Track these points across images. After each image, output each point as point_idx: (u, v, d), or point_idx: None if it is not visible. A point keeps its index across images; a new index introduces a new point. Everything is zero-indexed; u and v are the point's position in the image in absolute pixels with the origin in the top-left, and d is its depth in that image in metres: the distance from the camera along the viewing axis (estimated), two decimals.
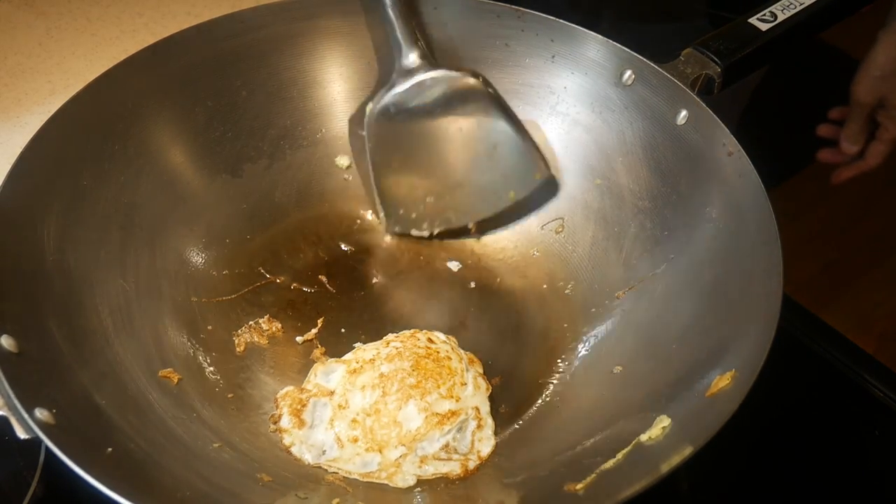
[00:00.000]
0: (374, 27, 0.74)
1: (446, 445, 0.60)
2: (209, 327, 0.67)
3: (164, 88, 0.68)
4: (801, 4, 0.74)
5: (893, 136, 0.87)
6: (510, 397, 0.65)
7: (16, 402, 0.48)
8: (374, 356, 0.64)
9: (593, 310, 0.69)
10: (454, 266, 0.74)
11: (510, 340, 0.69)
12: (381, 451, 0.60)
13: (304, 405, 0.63)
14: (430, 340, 0.65)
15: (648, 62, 0.68)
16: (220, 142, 0.71)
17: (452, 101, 0.69)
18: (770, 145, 0.68)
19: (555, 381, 0.66)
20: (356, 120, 0.74)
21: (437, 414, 0.60)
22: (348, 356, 0.66)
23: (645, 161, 0.69)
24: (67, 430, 0.49)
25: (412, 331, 0.66)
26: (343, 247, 0.74)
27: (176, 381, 0.61)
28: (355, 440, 0.60)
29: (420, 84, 0.68)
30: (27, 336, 0.52)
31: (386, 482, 0.60)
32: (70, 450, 0.46)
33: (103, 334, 0.59)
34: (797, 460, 0.69)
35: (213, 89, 0.71)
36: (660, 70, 0.68)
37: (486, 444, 0.62)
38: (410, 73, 0.68)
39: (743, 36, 0.71)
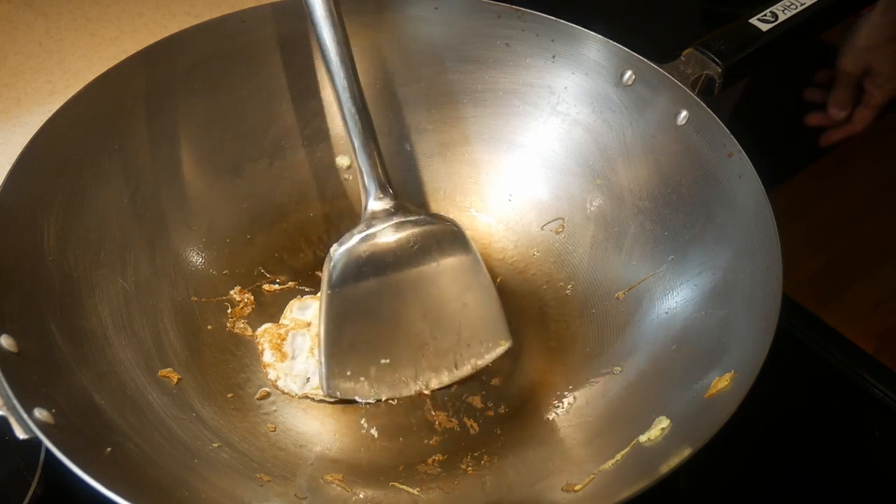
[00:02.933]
0: (372, 27, 0.74)
1: None
2: (209, 327, 0.67)
3: (164, 88, 0.68)
4: (801, 4, 0.73)
5: (879, 103, 0.93)
6: (510, 398, 0.66)
7: (15, 402, 0.48)
8: None
9: (593, 310, 0.69)
10: None
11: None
12: None
13: (283, 339, 0.66)
14: None
15: (649, 62, 0.68)
16: (220, 141, 0.71)
17: (429, 250, 0.62)
18: (769, 145, 0.68)
19: (554, 382, 0.66)
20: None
21: None
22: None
23: (645, 161, 0.69)
24: (67, 430, 0.49)
25: None
26: None
27: (175, 380, 0.61)
28: None
29: (394, 227, 0.62)
30: (27, 336, 0.52)
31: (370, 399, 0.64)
32: (69, 450, 0.46)
33: (103, 334, 0.59)
34: (797, 460, 0.69)
35: (214, 89, 0.71)
36: (660, 70, 0.67)
37: None
38: (383, 215, 0.62)
39: (744, 36, 0.71)
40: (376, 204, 0.63)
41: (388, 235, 0.62)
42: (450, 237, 0.63)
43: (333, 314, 0.62)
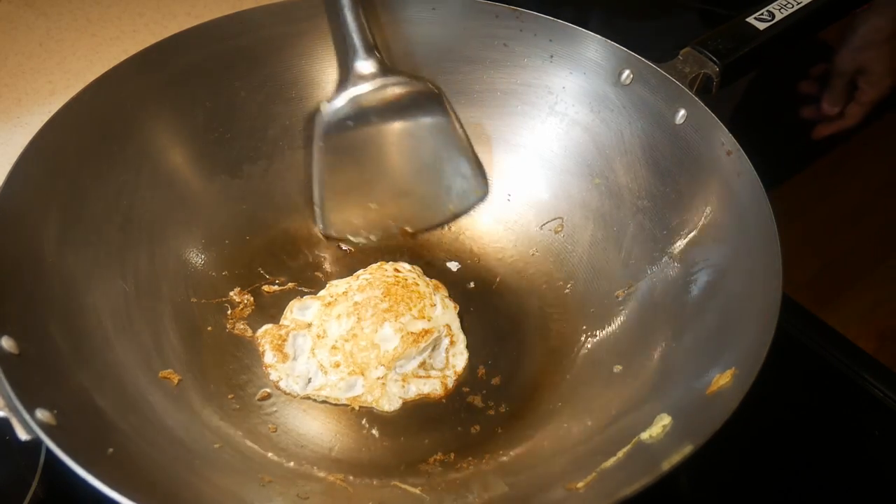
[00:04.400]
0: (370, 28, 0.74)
1: (423, 363, 0.65)
2: (209, 328, 0.67)
3: (163, 89, 0.68)
4: (798, 3, 0.74)
5: (871, 99, 0.96)
6: (510, 397, 0.66)
7: (17, 403, 0.48)
8: (346, 289, 0.68)
9: (593, 309, 0.69)
10: (453, 266, 0.74)
11: (510, 340, 0.69)
12: (363, 374, 0.64)
13: (284, 340, 0.66)
14: (396, 270, 0.69)
15: (647, 62, 0.68)
16: (219, 142, 0.71)
17: (409, 108, 0.69)
18: (769, 145, 0.68)
19: (555, 381, 0.66)
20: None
21: (411, 333, 0.64)
22: (322, 292, 0.70)
23: (644, 160, 0.69)
24: (68, 430, 0.49)
25: (378, 263, 0.70)
26: (342, 247, 0.75)
27: (176, 381, 0.61)
28: (337, 365, 0.64)
29: (379, 88, 0.68)
30: (27, 337, 0.52)
31: (373, 406, 0.64)
32: (71, 450, 0.46)
33: (103, 335, 0.59)
34: (797, 460, 0.69)
35: (213, 89, 0.71)
36: (658, 69, 0.68)
37: (459, 359, 0.67)
38: (369, 76, 0.68)
39: (741, 35, 0.71)
40: (363, 64, 0.68)
41: (372, 94, 0.68)
42: (428, 97, 0.69)
43: (324, 162, 0.69)
